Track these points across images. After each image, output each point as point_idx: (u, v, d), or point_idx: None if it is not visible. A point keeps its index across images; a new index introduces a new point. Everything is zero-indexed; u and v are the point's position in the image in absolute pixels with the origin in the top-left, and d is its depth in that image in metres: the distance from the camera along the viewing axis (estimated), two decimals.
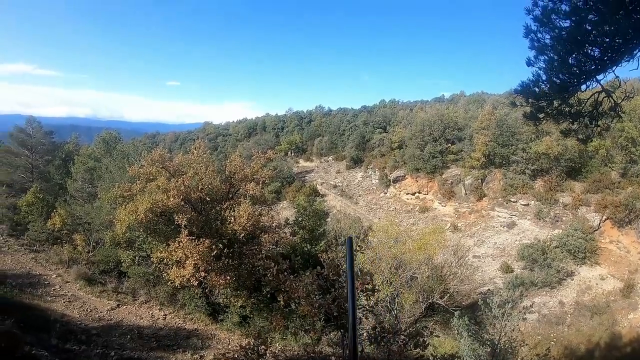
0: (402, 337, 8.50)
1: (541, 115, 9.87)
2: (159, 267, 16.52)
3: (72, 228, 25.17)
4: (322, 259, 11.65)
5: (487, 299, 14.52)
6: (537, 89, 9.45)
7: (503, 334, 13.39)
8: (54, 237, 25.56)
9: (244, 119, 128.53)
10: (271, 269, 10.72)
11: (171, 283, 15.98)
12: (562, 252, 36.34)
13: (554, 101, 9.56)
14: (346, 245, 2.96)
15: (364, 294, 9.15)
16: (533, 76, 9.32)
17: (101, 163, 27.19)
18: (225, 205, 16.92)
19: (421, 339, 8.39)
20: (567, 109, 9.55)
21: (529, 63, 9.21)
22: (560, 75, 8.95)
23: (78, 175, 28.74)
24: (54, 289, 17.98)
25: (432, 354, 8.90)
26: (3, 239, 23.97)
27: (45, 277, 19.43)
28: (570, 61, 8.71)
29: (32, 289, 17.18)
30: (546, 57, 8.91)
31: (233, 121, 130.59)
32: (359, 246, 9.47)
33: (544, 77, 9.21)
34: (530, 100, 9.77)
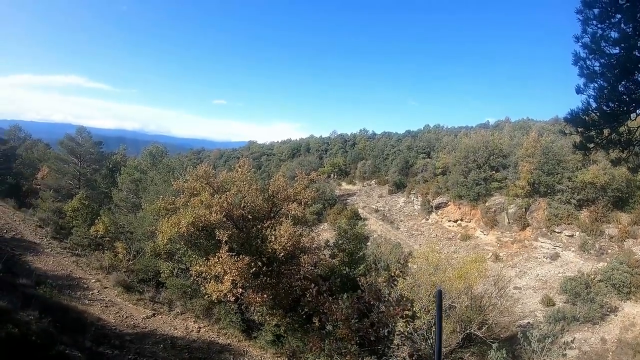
0: None
1: (591, 145, 9.63)
2: (197, 281, 16.63)
3: (114, 236, 25.86)
4: (360, 283, 11.45)
5: (527, 332, 13.93)
6: (586, 118, 9.27)
7: None
8: (96, 243, 26.24)
9: (288, 139, 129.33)
10: (311, 290, 10.64)
11: (208, 297, 16.04)
12: (607, 287, 34.82)
13: (604, 130, 9.33)
14: (436, 297, 2.86)
15: (404, 320, 8.93)
16: (583, 104, 9.17)
17: (147, 175, 27.88)
18: (266, 224, 16.98)
19: None
20: (617, 138, 9.28)
21: (579, 90, 9.05)
22: (610, 103, 8.75)
23: (123, 186, 29.59)
24: (92, 293, 18.32)
25: None
26: (47, 240, 24.69)
27: (85, 280, 19.83)
28: (620, 89, 8.53)
29: (70, 291, 17.53)
30: (596, 85, 8.77)
31: (277, 141, 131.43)
32: (400, 271, 9.26)
33: (593, 105, 9.04)
34: (579, 129, 9.56)
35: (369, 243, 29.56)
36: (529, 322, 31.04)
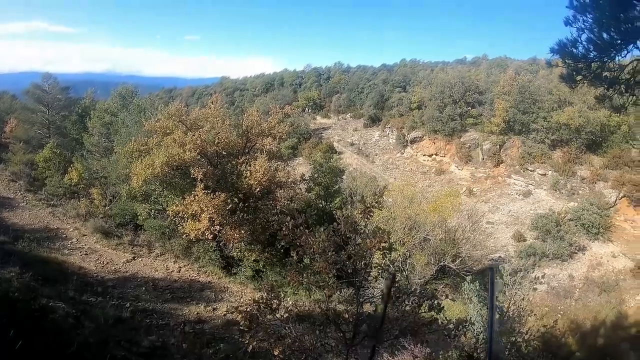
0: (415, 298, 8.42)
1: (578, 78, 9.54)
2: (175, 221, 16.69)
3: (89, 182, 25.42)
4: (336, 216, 11.53)
5: (499, 266, 14.39)
6: (574, 50, 9.10)
7: (512, 302, 13.30)
8: (71, 191, 25.73)
9: (261, 74, 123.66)
10: (287, 223, 10.70)
11: (186, 236, 16.16)
12: (576, 226, 36.12)
13: (592, 64, 9.24)
14: (489, 276, 2.78)
15: (380, 252, 9.05)
16: (572, 35, 8.97)
17: (118, 118, 27.22)
18: (241, 160, 16.90)
19: (436, 302, 8.29)
20: (605, 74, 9.21)
21: (567, 22, 8.83)
22: (604, 34, 8.59)
23: (94, 130, 28.90)
24: (71, 243, 18.04)
25: (444, 318, 8.87)
26: (21, 194, 24.05)
27: (63, 230, 19.50)
28: (612, 22, 8.35)
29: (49, 243, 17.20)
30: (586, 17, 8.56)
31: (250, 76, 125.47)
32: (376, 202, 9.29)
33: (584, 37, 8.86)
34: (567, 61, 9.44)
35: (344, 177, 29.73)
36: (500, 257, 32.19)
